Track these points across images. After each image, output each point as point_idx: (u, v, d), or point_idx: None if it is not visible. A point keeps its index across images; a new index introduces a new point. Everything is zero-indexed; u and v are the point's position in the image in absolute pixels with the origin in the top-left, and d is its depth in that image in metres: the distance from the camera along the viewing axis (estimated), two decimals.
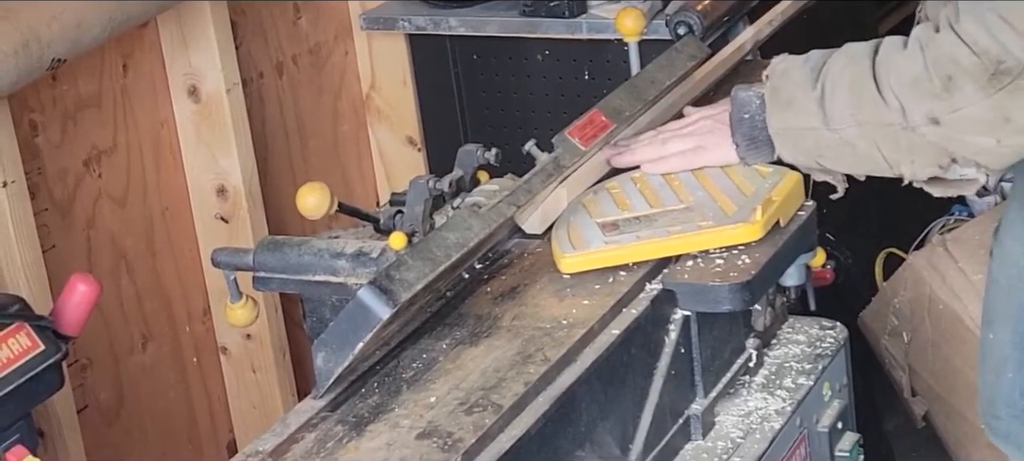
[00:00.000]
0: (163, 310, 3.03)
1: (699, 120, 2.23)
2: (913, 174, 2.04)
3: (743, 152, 2.16)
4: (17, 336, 2.02)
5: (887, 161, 2.04)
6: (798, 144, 2.10)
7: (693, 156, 2.20)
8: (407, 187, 2.10)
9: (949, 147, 1.99)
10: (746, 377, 2.15)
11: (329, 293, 2.05)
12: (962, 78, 1.93)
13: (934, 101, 1.96)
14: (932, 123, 1.97)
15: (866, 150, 2.04)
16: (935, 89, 1.95)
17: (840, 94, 2.04)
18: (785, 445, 2.08)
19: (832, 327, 2.28)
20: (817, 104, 2.06)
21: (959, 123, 1.95)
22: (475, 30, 3.38)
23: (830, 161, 2.09)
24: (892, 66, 2.01)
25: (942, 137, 1.97)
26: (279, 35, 3.32)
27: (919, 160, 2.01)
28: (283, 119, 3.33)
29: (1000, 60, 1.90)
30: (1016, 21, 1.89)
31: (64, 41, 2.48)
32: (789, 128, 2.10)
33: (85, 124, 2.84)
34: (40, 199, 2.72)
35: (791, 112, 2.09)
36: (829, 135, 2.05)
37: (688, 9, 2.57)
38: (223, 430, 3.20)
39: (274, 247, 2.09)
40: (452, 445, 1.67)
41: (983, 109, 1.93)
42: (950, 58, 1.94)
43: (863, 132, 2.03)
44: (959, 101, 1.94)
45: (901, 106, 1.98)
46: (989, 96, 1.92)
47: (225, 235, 3.04)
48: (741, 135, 2.15)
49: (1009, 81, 1.91)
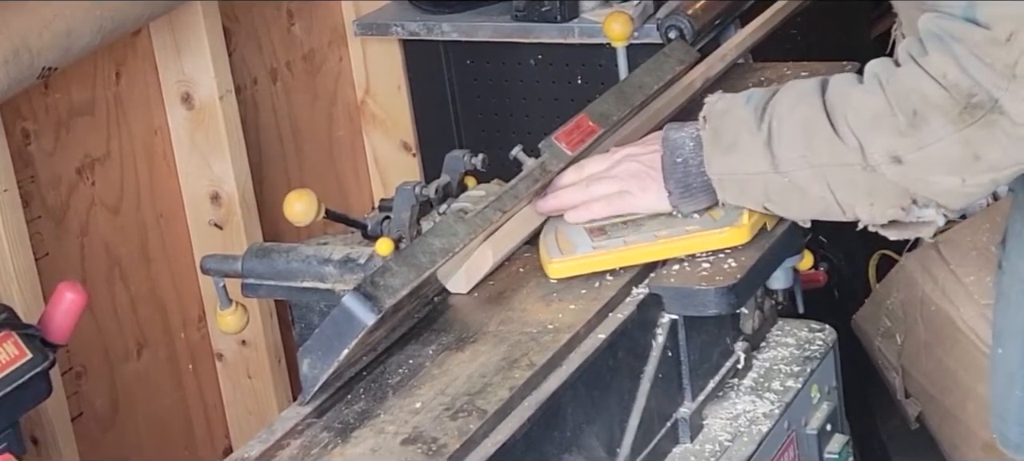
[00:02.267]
0: (158, 317, 3.04)
1: (624, 161, 2.09)
2: (871, 217, 1.93)
3: (676, 200, 2.04)
4: (4, 345, 2.02)
5: (841, 205, 1.93)
6: (745, 189, 1.98)
7: (618, 201, 2.07)
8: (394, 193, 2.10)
9: (911, 187, 1.88)
10: (734, 380, 2.16)
11: (317, 299, 2.06)
12: (930, 112, 1.83)
13: (898, 138, 1.85)
14: (894, 162, 1.86)
15: (819, 193, 1.93)
16: (899, 125, 1.85)
17: (790, 134, 1.93)
18: (773, 448, 2.08)
19: (821, 329, 2.28)
20: (764, 146, 1.94)
21: (924, 161, 1.85)
22: (468, 35, 3.39)
23: (779, 206, 1.99)
24: (849, 103, 1.90)
25: (904, 176, 1.87)
26: (273, 41, 3.32)
27: (879, 202, 1.91)
28: (277, 125, 3.34)
29: (971, 93, 1.81)
30: (986, 54, 1.80)
31: (55, 49, 2.49)
32: (734, 173, 1.98)
33: (78, 132, 2.85)
34: (33, 207, 2.73)
35: (735, 156, 1.97)
36: (778, 179, 1.94)
37: (679, 13, 2.58)
38: (219, 436, 3.20)
39: (262, 253, 2.10)
40: (437, 451, 1.67)
41: (951, 145, 1.83)
42: (916, 92, 1.84)
43: (816, 174, 1.91)
44: (926, 137, 1.84)
45: (860, 144, 1.87)
46: (959, 130, 1.82)
47: (220, 242, 3.05)
48: (674, 181, 2.03)
49: (981, 115, 1.81)
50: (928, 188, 1.88)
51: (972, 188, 1.88)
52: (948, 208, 1.91)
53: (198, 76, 3.00)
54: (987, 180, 1.87)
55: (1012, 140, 1.81)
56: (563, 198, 2.10)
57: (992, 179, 1.87)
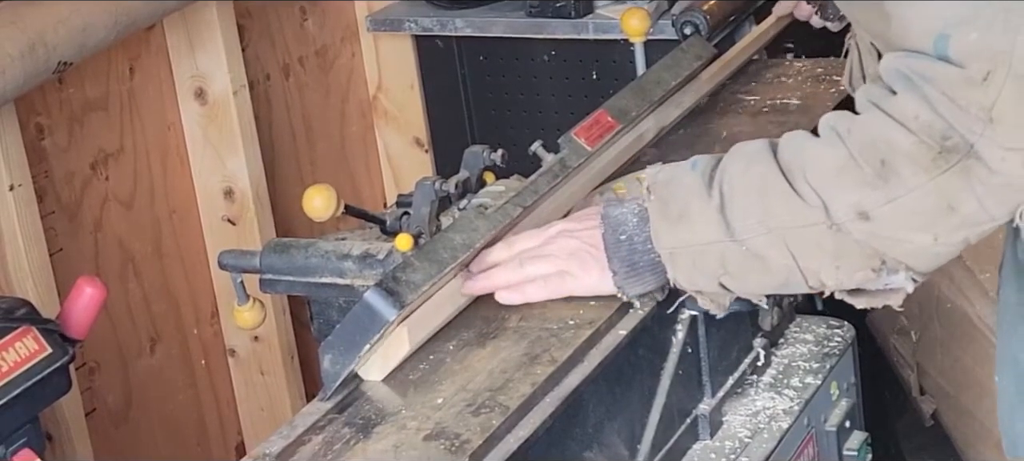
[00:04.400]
0: (171, 313, 3.04)
1: (560, 237, 1.92)
2: (838, 282, 1.77)
3: (621, 280, 1.87)
4: (24, 340, 2.03)
5: (804, 272, 1.76)
6: (698, 263, 1.81)
7: (558, 283, 1.90)
8: (413, 189, 2.10)
9: (880, 247, 1.72)
10: (754, 377, 2.15)
11: (336, 295, 2.05)
12: (899, 161, 1.67)
13: (865, 191, 1.69)
14: (861, 218, 1.70)
15: (780, 261, 1.76)
16: (866, 177, 1.69)
17: (744, 198, 1.76)
18: (793, 444, 2.08)
19: (839, 326, 2.27)
20: (717, 213, 1.77)
21: (894, 216, 1.69)
22: (481, 31, 3.38)
23: (736, 280, 1.81)
24: (807, 158, 1.74)
25: (873, 234, 1.71)
26: (286, 37, 3.32)
27: (846, 265, 1.74)
28: (290, 121, 3.34)
29: (945, 136, 1.64)
30: (960, 96, 1.63)
31: (70, 44, 2.49)
32: (687, 245, 1.81)
33: (92, 127, 2.84)
34: (47, 202, 2.72)
35: (686, 226, 1.80)
36: (735, 248, 1.77)
37: (694, 9, 2.57)
38: (231, 432, 3.20)
39: (281, 249, 2.09)
40: (459, 446, 1.66)
41: (923, 196, 1.67)
42: (882, 141, 1.68)
43: (776, 239, 1.75)
44: (896, 188, 1.68)
45: (823, 202, 1.71)
46: (932, 179, 1.66)
47: (233, 237, 3.05)
48: (619, 260, 1.87)
49: (956, 161, 1.64)
50: (898, 247, 1.72)
51: (943, 247, 1.71)
52: (916, 270, 1.75)
53: (212, 72, 3.00)
54: (960, 238, 1.71)
55: (988, 190, 1.66)
56: (495, 278, 1.93)
57: (964, 237, 1.71)
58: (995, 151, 1.63)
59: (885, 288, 1.77)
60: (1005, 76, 1.61)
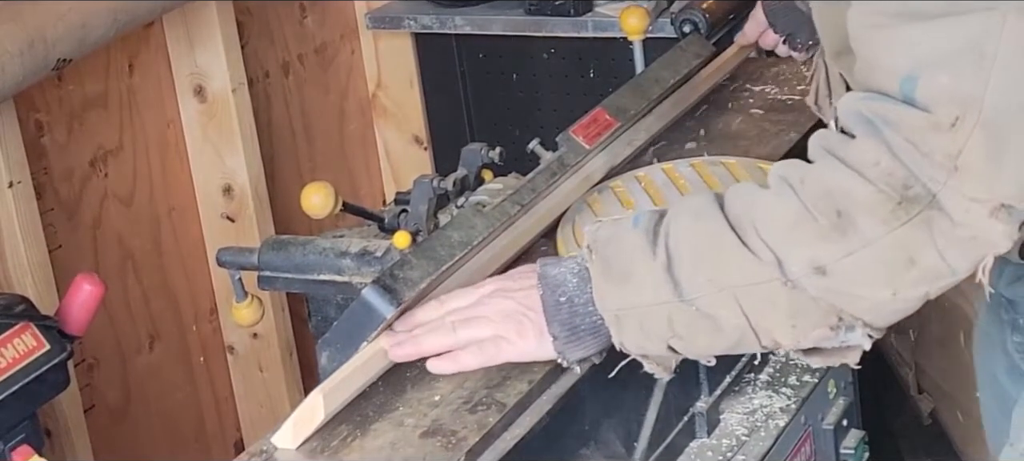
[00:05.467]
0: (170, 310, 3.04)
1: (495, 297, 1.79)
2: (794, 340, 1.65)
3: (562, 345, 1.73)
4: (22, 336, 2.03)
5: (756, 331, 1.65)
6: (646, 325, 1.68)
7: (492, 350, 1.77)
8: (412, 186, 2.10)
9: (837, 302, 1.61)
10: (751, 375, 2.15)
11: (334, 292, 2.06)
12: (857, 212, 1.57)
13: (821, 244, 1.59)
14: (817, 273, 1.59)
15: (732, 320, 1.65)
16: (822, 230, 1.59)
17: (692, 256, 1.65)
18: (790, 443, 2.08)
19: None
20: (664, 272, 1.66)
21: (852, 270, 1.59)
22: (481, 29, 3.39)
23: (686, 342, 1.69)
24: (757, 213, 1.63)
25: (829, 290, 1.60)
26: (285, 34, 3.32)
27: (802, 322, 1.63)
28: (289, 118, 3.34)
29: (906, 185, 1.55)
30: (924, 142, 1.54)
31: (69, 41, 2.49)
32: (633, 307, 1.68)
33: (91, 124, 2.85)
34: (46, 199, 2.73)
35: (631, 287, 1.68)
36: (684, 309, 1.65)
37: (693, 7, 2.57)
38: (230, 429, 3.20)
39: (279, 246, 2.10)
40: (456, 444, 1.67)
41: (883, 249, 1.57)
42: (839, 191, 1.58)
43: (727, 298, 1.64)
44: (854, 241, 1.58)
45: (776, 257, 1.61)
46: (891, 231, 1.56)
47: (232, 235, 3.05)
48: (559, 323, 1.73)
49: (917, 212, 1.55)
50: (856, 303, 1.61)
51: (902, 302, 1.61)
52: (874, 326, 1.64)
53: (211, 69, 3.00)
54: (919, 293, 1.60)
55: (950, 243, 1.56)
56: (423, 342, 1.79)
57: (924, 292, 1.60)
58: (959, 202, 1.54)
59: (842, 345, 1.66)
60: (974, 123, 1.53)
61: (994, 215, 1.54)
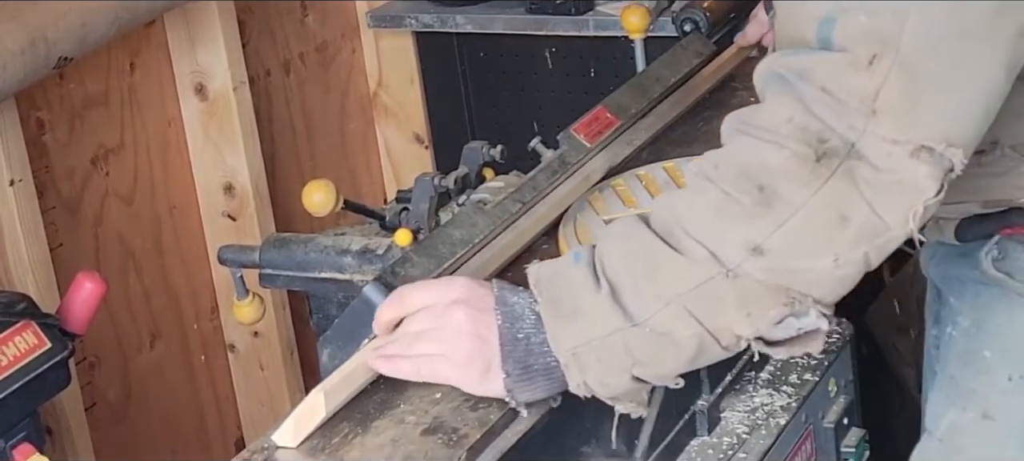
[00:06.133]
0: (171, 308, 3.04)
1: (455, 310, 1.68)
2: (754, 329, 1.57)
3: (513, 384, 1.65)
4: (24, 334, 2.03)
5: (715, 335, 1.58)
6: (605, 358, 1.60)
7: (428, 368, 1.70)
8: (413, 184, 2.11)
9: (782, 281, 1.54)
10: (752, 373, 2.15)
11: (335, 290, 2.06)
12: (777, 181, 1.51)
13: (750, 224, 1.53)
14: (755, 254, 1.53)
15: (687, 331, 1.57)
16: (746, 209, 1.52)
17: (631, 278, 1.59)
18: (791, 441, 2.08)
19: (838, 323, 2.28)
20: (610, 301, 1.59)
21: (787, 243, 1.52)
22: (482, 27, 3.39)
23: (650, 367, 1.62)
24: (680, 214, 1.58)
25: (771, 270, 1.53)
26: (286, 33, 3.32)
27: (755, 309, 1.56)
28: (290, 117, 3.34)
29: (822, 138, 1.50)
30: (841, 87, 1.49)
31: (70, 40, 2.49)
32: (588, 342, 1.60)
33: (92, 122, 2.85)
34: (47, 197, 2.73)
35: (582, 323, 1.60)
36: (638, 332, 1.58)
37: (694, 6, 2.57)
38: (231, 428, 3.20)
39: (280, 244, 2.10)
40: (457, 441, 1.67)
41: (813, 212, 1.51)
42: (755, 165, 1.53)
43: (677, 310, 1.56)
44: (782, 212, 1.51)
45: (709, 251, 1.54)
46: (816, 191, 1.50)
47: (233, 233, 3.05)
48: (514, 361, 1.64)
49: (837, 164, 1.50)
50: (801, 277, 1.54)
51: (845, 268, 1.54)
52: (824, 302, 1.57)
53: (212, 67, 3.00)
54: (859, 255, 1.54)
55: (877, 191, 1.51)
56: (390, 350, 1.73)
57: (864, 253, 1.54)
58: (879, 146, 1.50)
59: (800, 333, 1.59)
60: (892, 62, 1.49)
61: (915, 156, 1.50)
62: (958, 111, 1.52)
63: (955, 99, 1.52)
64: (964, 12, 1.51)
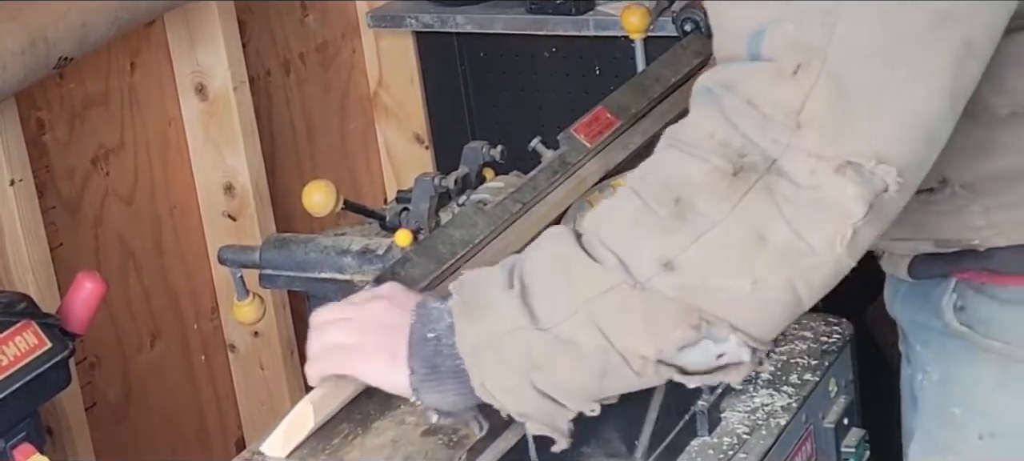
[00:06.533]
0: (171, 308, 3.04)
1: (370, 306, 1.66)
2: (657, 349, 1.48)
3: (419, 382, 1.58)
4: (24, 334, 2.03)
5: (620, 352, 1.49)
6: (503, 356, 1.53)
7: (339, 359, 1.67)
8: (413, 184, 2.11)
9: (693, 300, 1.45)
10: (752, 373, 2.15)
11: (335, 290, 2.06)
12: (695, 195, 1.44)
13: (664, 237, 1.45)
14: (666, 270, 1.45)
15: (592, 343, 1.49)
16: (662, 222, 1.45)
17: (545, 282, 1.53)
18: (791, 441, 2.08)
19: (838, 323, 2.28)
20: (519, 301, 1.53)
21: (700, 260, 1.44)
22: (482, 27, 3.38)
23: (548, 374, 1.53)
24: (601, 223, 1.52)
25: (682, 288, 1.45)
26: (286, 33, 3.32)
27: (661, 327, 1.47)
28: (291, 117, 3.34)
29: (742, 153, 1.42)
30: (765, 100, 1.42)
31: (71, 40, 2.49)
32: (488, 338, 1.54)
33: (92, 122, 2.85)
34: (48, 197, 2.73)
35: (488, 319, 1.55)
36: (541, 337, 1.51)
37: (694, 6, 2.57)
38: (232, 428, 3.20)
39: (280, 244, 2.10)
40: (457, 442, 1.67)
41: (728, 229, 1.43)
42: (676, 177, 1.46)
43: (583, 319, 1.49)
44: (697, 227, 1.44)
45: (620, 260, 1.47)
46: (733, 207, 1.42)
47: (233, 233, 3.05)
48: (421, 359, 1.58)
49: (756, 179, 1.42)
50: (713, 298, 1.46)
51: (766, 293, 1.45)
52: (749, 332, 1.48)
53: (212, 67, 3.00)
54: (781, 279, 1.44)
55: (797, 209, 1.42)
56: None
57: (788, 279, 1.44)
58: (803, 161, 1.41)
59: (720, 363, 1.51)
60: (818, 72, 1.41)
61: (841, 172, 1.41)
62: (891, 127, 1.42)
63: (888, 114, 1.42)
64: (898, 24, 1.42)
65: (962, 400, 1.77)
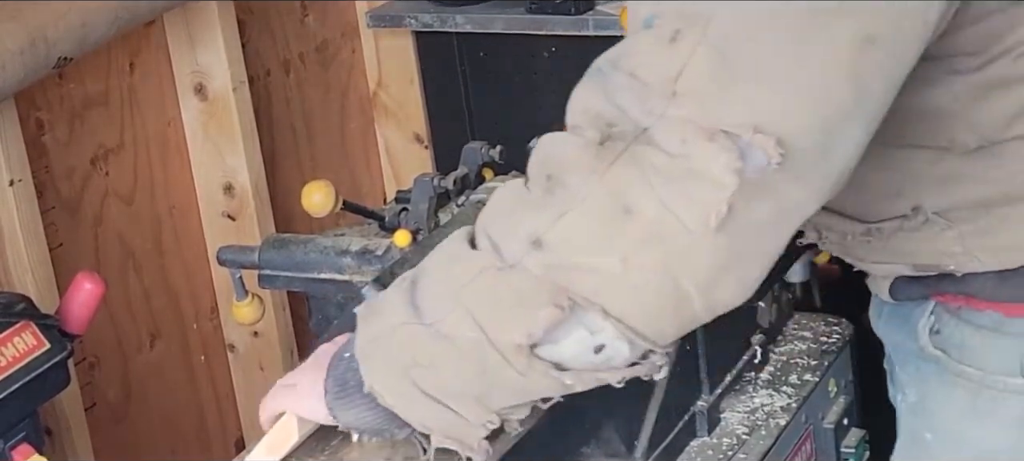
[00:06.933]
0: (171, 308, 3.04)
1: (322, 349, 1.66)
2: (528, 333, 1.41)
3: (332, 401, 1.57)
4: (23, 334, 2.03)
5: (495, 344, 1.43)
6: (387, 353, 1.50)
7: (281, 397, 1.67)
8: (412, 185, 2.11)
9: (561, 279, 1.38)
10: (751, 373, 2.16)
11: (334, 291, 2.06)
12: (564, 170, 1.38)
13: (534, 215, 1.39)
14: (534, 247, 1.38)
15: (467, 334, 1.44)
16: (534, 200, 1.40)
17: (431, 277, 1.49)
18: (791, 441, 2.08)
19: (837, 323, 2.28)
20: (406, 295, 1.49)
21: (566, 235, 1.37)
22: (482, 27, 3.38)
23: (428, 371, 1.48)
24: (487, 210, 1.48)
25: (549, 265, 1.38)
26: (286, 33, 3.32)
27: (528, 307, 1.40)
28: (290, 117, 3.34)
29: (611, 123, 1.36)
30: (643, 72, 1.36)
31: (70, 40, 2.49)
32: (375, 335, 1.52)
33: (92, 122, 2.84)
34: (47, 197, 2.73)
35: (379, 319, 1.52)
36: (422, 332, 1.46)
37: None
38: (231, 428, 3.20)
39: (279, 245, 2.10)
40: None
41: (594, 203, 1.36)
42: (550, 155, 1.41)
43: (459, 308, 1.44)
44: (564, 201, 1.37)
45: (494, 243, 1.42)
46: (601, 177, 1.35)
47: (233, 233, 3.05)
48: (334, 379, 1.57)
49: (622, 148, 1.35)
50: (583, 279, 1.38)
51: (638, 273, 1.36)
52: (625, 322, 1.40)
53: (212, 67, 3.00)
54: (654, 260, 1.36)
55: (668, 181, 1.34)
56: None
57: (661, 260, 1.36)
58: (675, 129, 1.34)
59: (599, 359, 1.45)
60: (698, 40, 1.35)
61: (713, 139, 1.33)
62: (774, 100, 1.35)
63: (771, 87, 1.35)
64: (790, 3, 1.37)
65: (933, 425, 1.77)
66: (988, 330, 1.66)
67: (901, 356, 1.82)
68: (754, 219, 1.36)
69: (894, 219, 1.60)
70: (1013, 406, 1.67)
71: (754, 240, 1.38)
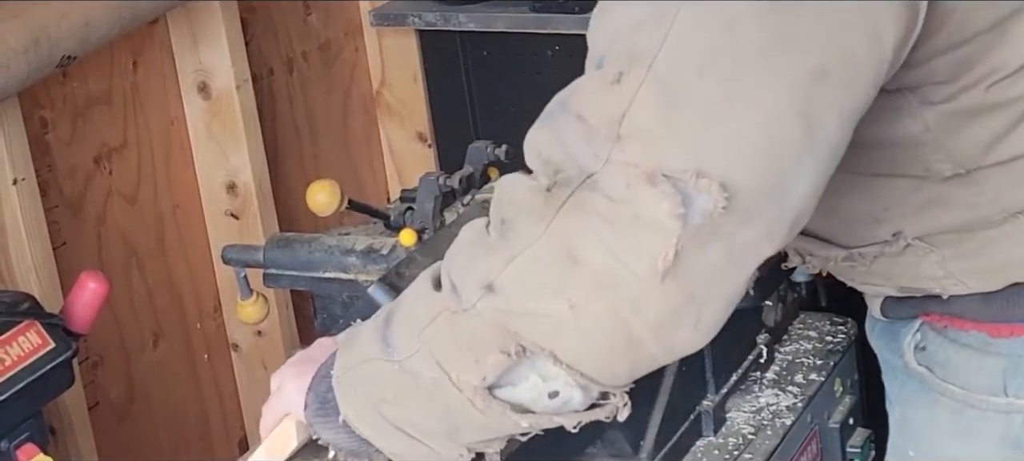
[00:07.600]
0: (174, 307, 3.03)
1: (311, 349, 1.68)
2: (482, 376, 1.42)
3: (312, 416, 1.59)
4: (27, 334, 2.03)
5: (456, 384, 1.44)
6: (358, 384, 1.53)
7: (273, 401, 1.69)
8: (417, 184, 2.10)
9: (512, 325, 1.38)
10: (757, 373, 2.15)
11: (339, 290, 2.06)
12: (515, 214, 1.38)
13: (487, 258, 1.40)
14: (487, 292, 1.39)
15: (429, 373, 1.45)
16: (489, 243, 1.40)
17: (402, 314, 1.51)
18: (797, 441, 2.08)
19: (843, 323, 2.28)
20: (379, 330, 1.51)
21: (516, 279, 1.37)
22: (485, 26, 3.38)
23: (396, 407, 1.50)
24: (451, 249, 1.48)
25: (502, 311, 1.39)
26: (289, 31, 3.32)
27: (480, 352, 1.41)
28: (293, 115, 3.34)
29: (559, 168, 1.35)
30: (590, 114, 1.34)
31: (73, 38, 2.48)
32: (348, 369, 1.54)
33: (95, 121, 2.84)
34: (50, 196, 2.72)
35: (353, 349, 1.55)
36: (389, 369, 1.48)
37: None
38: (235, 427, 3.20)
39: (284, 244, 2.10)
40: None
41: (542, 249, 1.36)
42: (505, 199, 1.41)
43: (422, 349, 1.46)
44: (514, 246, 1.37)
45: (454, 284, 1.43)
46: (548, 225, 1.35)
47: (236, 232, 3.04)
48: (315, 395, 1.59)
49: (568, 195, 1.34)
50: (533, 324, 1.38)
51: (589, 321, 1.36)
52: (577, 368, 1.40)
53: (215, 66, 3.00)
54: (603, 306, 1.35)
55: (614, 229, 1.33)
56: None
57: (610, 307, 1.35)
58: (619, 175, 1.33)
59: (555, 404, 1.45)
60: (643, 77, 1.33)
61: (655, 184, 1.31)
62: (718, 142, 1.33)
63: (717, 129, 1.33)
64: (736, 40, 1.33)
65: (917, 443, 1.77)
66: (973, 349, 1.66)
67: (889, 372, 1.81)
68: (706, 263, 1.34)
69: (875, 244, 1.60)
70: (996, 425, 1.66)
71: (707, 284, 1.36)
